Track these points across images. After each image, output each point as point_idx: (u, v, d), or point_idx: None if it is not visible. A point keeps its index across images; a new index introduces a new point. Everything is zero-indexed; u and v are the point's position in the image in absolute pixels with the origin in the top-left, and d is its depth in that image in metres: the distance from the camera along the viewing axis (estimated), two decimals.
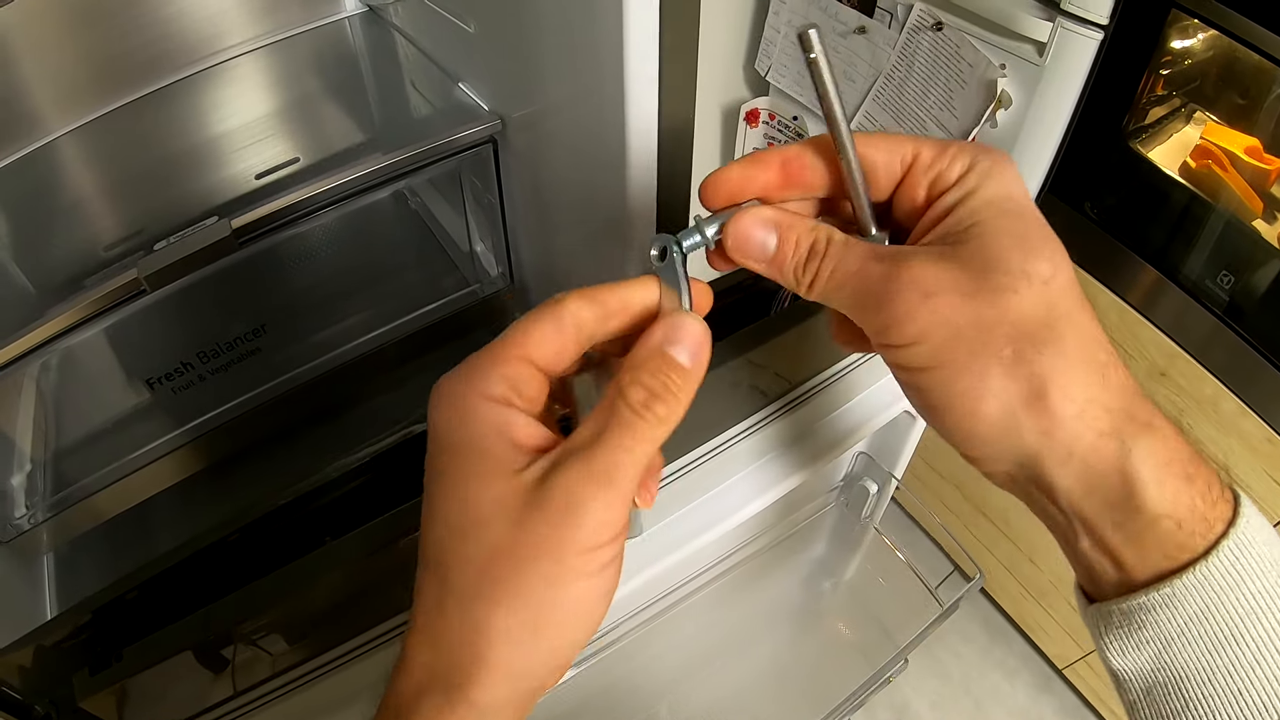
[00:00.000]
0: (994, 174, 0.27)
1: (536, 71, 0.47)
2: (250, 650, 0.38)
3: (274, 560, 0.35)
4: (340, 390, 0.68)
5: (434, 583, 0.25)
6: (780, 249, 0.28)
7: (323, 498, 0.37)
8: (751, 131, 1.10)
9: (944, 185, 0.28)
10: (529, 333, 0.26)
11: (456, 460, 0.25)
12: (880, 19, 0.89)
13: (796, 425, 0.50)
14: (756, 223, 0.28)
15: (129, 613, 0.36)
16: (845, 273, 0.27)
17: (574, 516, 0.24)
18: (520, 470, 0.25)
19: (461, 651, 0.24)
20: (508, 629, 0.24)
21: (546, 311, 0.27)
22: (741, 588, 0.61)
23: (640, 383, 0.25)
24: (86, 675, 0.36)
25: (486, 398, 0.25)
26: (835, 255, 0.27)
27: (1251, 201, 0.78)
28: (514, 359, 0.26)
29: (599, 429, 0.25)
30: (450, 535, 0.25)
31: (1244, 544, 0.25)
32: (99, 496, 0.65)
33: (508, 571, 0.24)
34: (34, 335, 0.52)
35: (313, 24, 0.75)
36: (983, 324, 0.25)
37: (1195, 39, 0.78)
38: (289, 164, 0.61)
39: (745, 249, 0.28)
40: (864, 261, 0.27)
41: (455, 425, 0.25)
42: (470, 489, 0.25)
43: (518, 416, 0.26)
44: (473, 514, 0.24)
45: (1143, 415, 0.26)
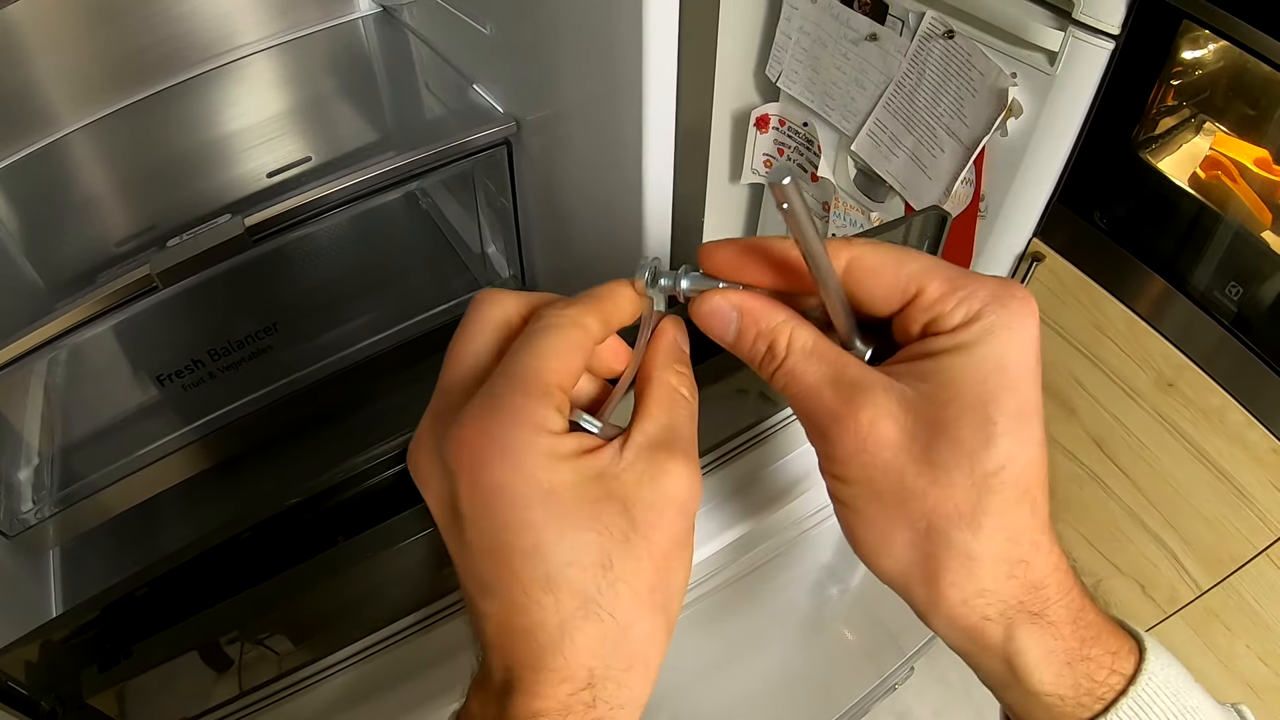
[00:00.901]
0: (996, 334, 0.25)
1: (553, 74, 0.47)
2: (257, 649, 0.38)
3: (285, 559, 0.35)
4: (350, 390, 0.68)
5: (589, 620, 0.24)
6: (740, 338, 0.28)
7: (336, 496, 0.37)
8: (762, 137, 1.10)
9: (939, 328, 0.26)
10: (563, 362, 0.26)
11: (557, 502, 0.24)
12: (892, 26, 0.89)
13: (804, 433, 0.50)
14: (723, 304, 0.28)
15: (138, 610, 0.35)
16: (799, 385, 0.27)
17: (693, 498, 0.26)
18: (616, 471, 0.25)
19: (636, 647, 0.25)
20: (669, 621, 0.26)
21: (568, 336, 0.26)
22: (747, 594, 0.60)
23: (676, 372, 0.28)
24: (95, 672, 0.36)
25: (547, 431, 0.25)
26: (793, 364, 0.27)
27: (1260, 213, 0.77)
28: (554, 389, 0.25)
29: (660, 418, 0.27)
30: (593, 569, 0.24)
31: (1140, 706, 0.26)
32: (106, 492, 0.65)
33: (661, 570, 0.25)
34: (44, 330, 0.53)
35: (327, 24, 0.75)
36: (908, 494, 0.25)
37: (1206, 49, 0.78)
38: (301, 163, 0.61)
39: (709, 326, 0.28)
40: (820, 382, 0.26)
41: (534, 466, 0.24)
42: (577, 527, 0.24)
43: (573, 437, 0.26)
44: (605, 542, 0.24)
45: (1037, 605, 0.26)
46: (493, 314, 0.28)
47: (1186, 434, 0.84)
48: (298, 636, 0.39)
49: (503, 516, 0.24)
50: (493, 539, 0.24)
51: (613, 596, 0.24)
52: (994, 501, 0.24)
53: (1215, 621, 0.89)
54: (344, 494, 0.39)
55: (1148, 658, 0.26)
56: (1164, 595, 0.94)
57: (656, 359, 0.28)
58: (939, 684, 1.23)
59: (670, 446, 0.26)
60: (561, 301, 0.28)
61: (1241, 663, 0.89)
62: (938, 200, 0.89)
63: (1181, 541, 0.89)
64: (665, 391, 0.27)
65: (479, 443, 0.24)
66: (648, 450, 0.26)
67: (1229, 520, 0.83)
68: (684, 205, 0.46)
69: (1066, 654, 0.26)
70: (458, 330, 0.28)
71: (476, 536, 0.24)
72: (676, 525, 0.26)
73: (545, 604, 0.24)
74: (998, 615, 0.26)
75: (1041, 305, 0.96)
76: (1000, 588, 0.25)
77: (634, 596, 0.25)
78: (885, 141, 0.93)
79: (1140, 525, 0.93)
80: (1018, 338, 0.25)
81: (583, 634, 0.24)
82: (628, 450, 0.26)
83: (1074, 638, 0.26)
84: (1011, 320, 0.25)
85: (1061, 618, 0.26)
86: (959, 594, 0.25)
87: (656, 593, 0.25)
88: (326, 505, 0.38)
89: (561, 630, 0.24)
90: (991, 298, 0.25)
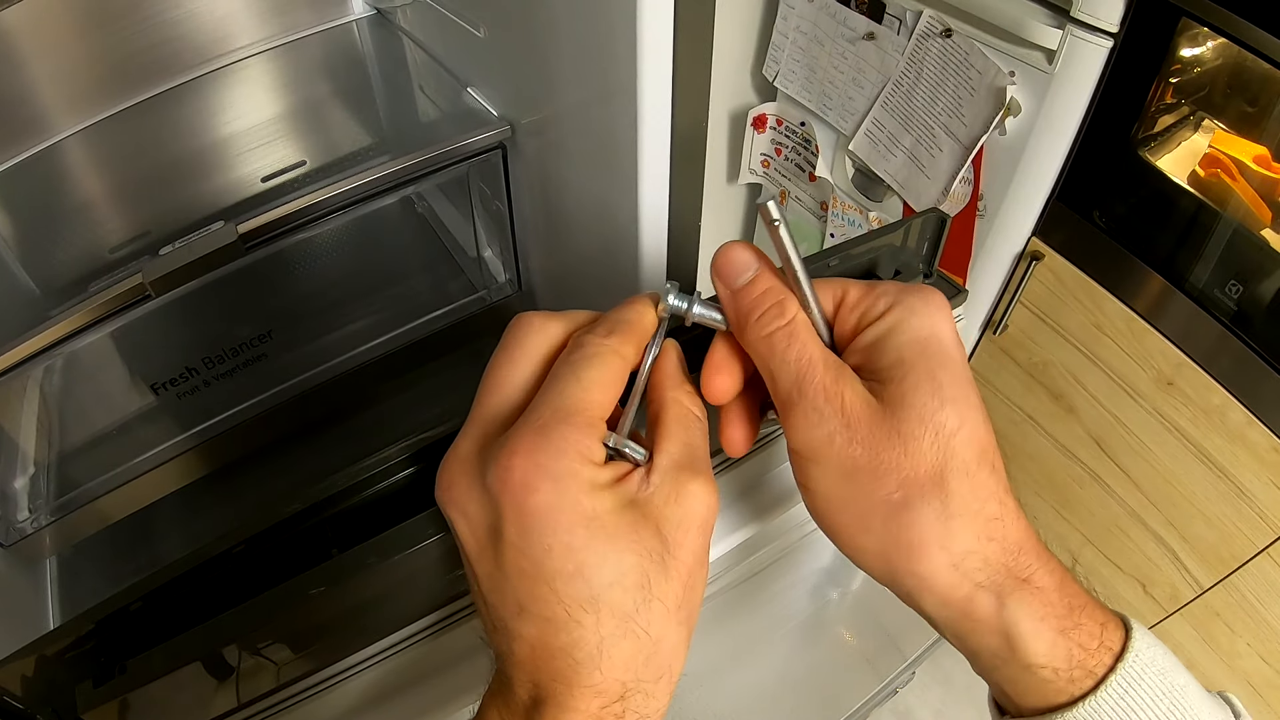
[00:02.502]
0: (919, 310, 0.28)
1: (547, 77, 0.47)
2: (255, 660, 0.38)
3: (282, 571, 0.35)
4: (346, 395, 0.67)
5: (627, 637, 0.25)
6: (751, 285, 0.28)
7: (330, 508, 0.36)
8: (759, 137, 1.09)
9: (870, 319, 0.28)
10: (606, 393, 0.27)
11: (600, 527, 0.25)
12: (889, 25, 0.89)
13: None
14: (746, 250, 0.29)
15: (133, 624, 0.35)
16: (799, 352, 0.28)
17: (714, 514, 0.27)
18: (647, 494, 0.26)
19: (665, 659, 0.26)
20: (690, 632, 0.27)
21: (610, 367, 0.27)
22: (749, 598, 0.60)
23: (688, 393, 0.29)
24: (90, 687, 0.36)
25: (591, 462, 0.26)
26: (798, 329, 0.28)
27: (1260, 210, 0.77)
28: (598, 420, 0.26)
29: (681, 438, 0.28)
30: (634, 590, 0.25)
31: (1129, 681, 0.26)
32: (102, 501, 0.64)
33: (687, 585, 0.26)
34: (39, 339, 0.52)
35: (321, 27, 0.75)
36: (881, 467, 0.26)
37: (1205, 47, 0.78)
38: (296, 167, 0.61)
39: (723, 268, 0.29)
40: (816, 358, 0.28)
41: (580, 493, 0.25)
42: (621, 550, 0.25)
43: (610, 466, 0.27)
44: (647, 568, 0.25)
45: (1023, 570, 0.27)
46: (537, 342, 0.29)
47: (1187, 433, 0.84)
48: (297, 647, 0.39)
49: (547, 540, 0.25)
50: (534, 562, 0.25)
51: (648, 613, 0.25)
52: (958, 462, 0.26)
53: (1216, 620, 0.89)
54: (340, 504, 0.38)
55: (1134, 634, 0.27)
56: (1165, 594, 0.94)
57: (666, 380, 0.29)
58: (941, 685, 1.23)
59: (692, 467, 0.27)
60: (601, 327, 0.28)
61: (1243, 661, 0.89)
62: (936, 200, 0.89)
63: (1182, 540, 0.89)
64: (681, 412, 0.28)
65: (527, 470, 0.25)
66: (673, 472, 0.27)
67: (1230, 519, 0.83)
68: (680, 208, 0.45)
69: (1058, 621, 0.26)
70: (497, 354, 0.29)
71: (517, 559, 0.25)
72: (699, 542, 0.27)
73: (585, 623, 0.25)
74: (987, 580, 0.26)
75: (1041, 304, 0.96)
76: (983, 548, 0.26)
77: (665, 612, 0.26)
78: (883, 141, 0.93)
79: (1141, 524, 0.93)
80: (936, 314, 0.28)
81: (619, 650, 0.25)
82: (654, 473, 0.27)
83: (1062, 604, 0.27)
84: (926, 301, 0.28)
85: (1048, 584, 0.27)
86: (946, 558, 0.26)
87: (683, 607, 0.26)
88: (322, 516, 0.38)
89: (599, 648, 0.25)
90: (904, 290, 0.29)
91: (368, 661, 0.40)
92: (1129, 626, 0.27)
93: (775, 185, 1.14)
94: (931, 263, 0.50)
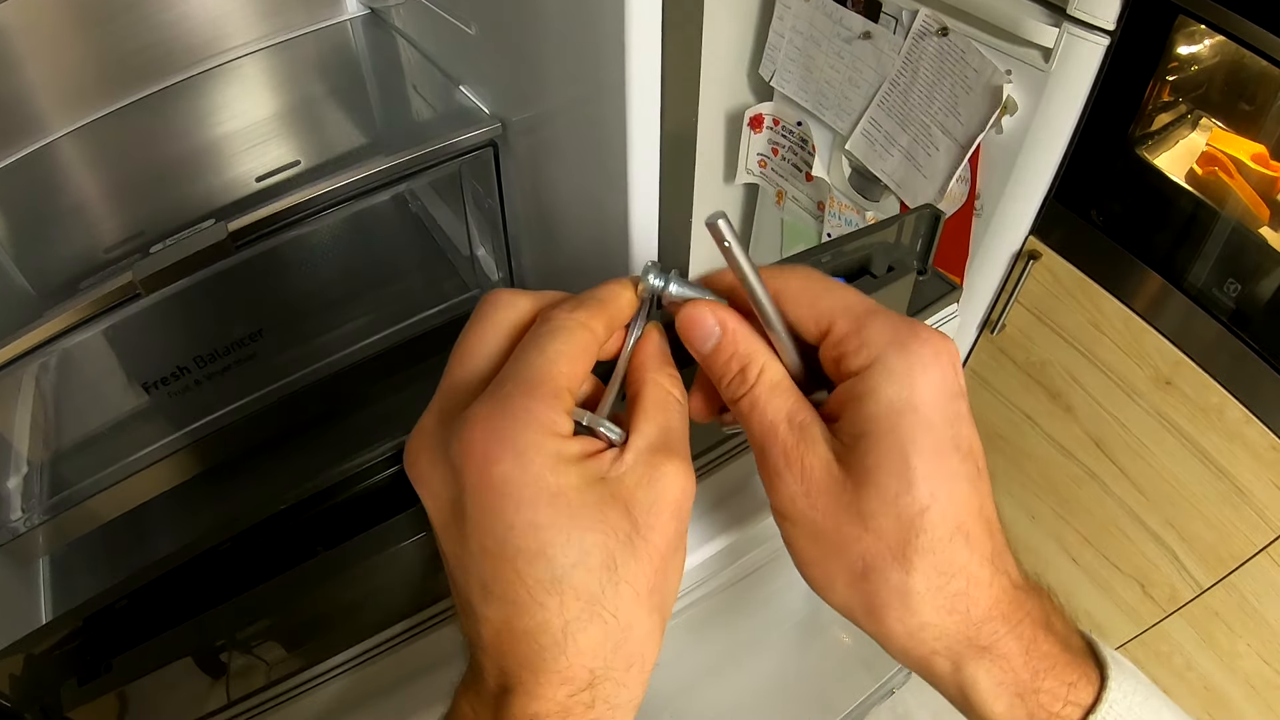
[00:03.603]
0: (898, 375, 0.25)
1: (538, 75, 0.47)
2: (245, 658, 0.38)
3: (269, 568, 0.34)
4: (338, 395, 0.67)
5: (594, 621, 0.24)
6: (716, 353, 0.28)
7: (318, 505, 0.36)
8: (756, 137, 1.09)
9: (847, 370, 0.27)
10: (572, 366, 0.26)
11: (564, 503, 0.24)
12: (885, 24, 0.89)
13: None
14: (709, 318, 0.28)
15: (119, 622, 0.35)
16: (758, 416, 0.27)
17: (688, 498, 0.27)
18: (618, 473, 0.25)
19: (636, 647, 0.25)
20: (664, 621, 0.27)
21: (577, 339, 0.26)
22: (745, 597, 0.60)
23: (668, 375, 0.28)
24: (75, 685, 0.35)
25: (556, 434, 0.25)
26: (758, 393, 0.27)
27: (1258, 208, 0.77)
28: (563, 391, 0.25)
29: (658, 420, 0.27)
30: (599, 570, 0.24)
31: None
32: (95, 500, 0.64)
33: (660, 570, 0.26)
34: (30, 338, 0.52)
35: (314, 26, 0.75)
36: (843, 539, 0.26)
37: (1202, 45, 0.77)
38: (290, 166, 0.60)
39: (688, 333, 0.28)
40: (777, 419, 0.27)
41: (543, 468, 0.24)
42: (589, 522, 0.24)
43: (579, 440, 0.26)
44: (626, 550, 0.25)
45: (985, 639, 0.26)
46: (505, 316, 0.28)
47: (1185, 432, 0.83)
48: (284, 645, 0.39)
49: (508, 517, 0.24)
50: (497, 540, 0.24)
51: (615, 597, 0.24)
52: (923, 541, 0.25)
53: (1216, 620, 0.89)
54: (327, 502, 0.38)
55: (1109, 686, 0.26)
56: (1164, 594, 0.93)
57: (647, 361, 0.28)
58: None
59: (667, 449, 0.26)
60: (569, 303, 0.28)
61: (1242, 661, 0.89)
62: (933, 199, 0.89)
63: (1181, 540, 0.89)
64: (659, 394, 0.28)
65: (488, 442, 0.24)
66: (647, 453, 0.26)
67: (1229, 518, 0.83)
68: (671, 205, 0.45)
69: (1017, 686, 0.26)
70: (466, 329, 0.28)
71: (480, 537, 0.24)
72: (673, 526, 0.26)
73: (549, 605, 0.24)
74: (944, 649, 0.26)
75: (1038, 304, 0.95)
76: (942, 621, 0.26)
77: (635, 597, 0.25)
78: (880, 140, 0.93)
79: (1140, 524, 0.92)
80: (924, 378, 0.25)
81: (586, 635, 0.24)
82: (628, 453, 0.26)
83: (1025, 670, 0.26)
84: (912, 364, 0.26)
85: (1012, 650, 0.26)
86: (902, 628, 0.26)
87: (655, 593, 0.26)
88: (308, 514, 0.37)
89: (565, 632, 0.24)
90: (890, 343, 0.26)
91: (354, 660, 0.40)
92: (1106, 677, 0.27)
93: (772, 185, 1.14)
94: (926, 259, 0.50)
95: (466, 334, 0.28)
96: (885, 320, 0.26)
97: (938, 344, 0.26)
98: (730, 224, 0.25)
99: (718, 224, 0.25)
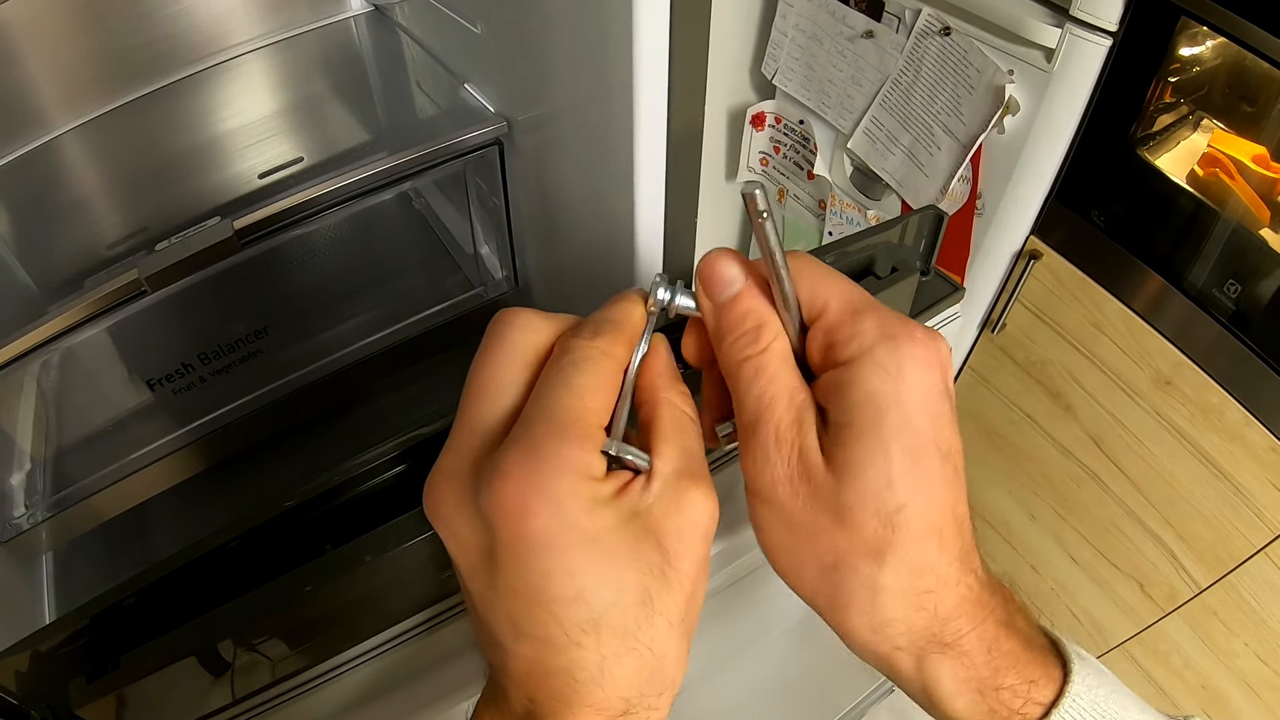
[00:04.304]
0: (886, 368, 0.25)
1: (544, 74, 0.47)
2: (250, 655, 0.38)
3: (275, 568, 0.35)
4: (343, 392, 0.67)
5: (629, 655, 0.24)
6: (733, 303, 0.27)
7: (324, 504, 0.36)
8: (757, 135, 1.09)
9: (835, 359, 0.26)
10: (599, 399, 0.25)
11: (601, 548, 0.24)
12: (888, 23, 0.89)
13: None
14: (735, 264, 0.27)
15: (127, 619, 0.35)
16: (762, 388, 0.26)
17: (714, 521, 0.26)
18: (647, 505, 0.25)
19: (669, 674, 0.25)
20: (690, 641, 0.27)
21: (602, 370, 0.26)
22: (744, 596, 0.60)
23: (680, 393, 0.28)
24: (83, 683, 0.35)
25: (591, 478, 0.24)
26: (767, 362, 0.26)
27: (1259, 210, 0.77)
28: (595, 429, 0.25)
29: (678, 443, 0.26)
30: (635, 608, 0.24)
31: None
32: (99, 497, 0.64)
33: (690, 596, 0.26)
34: (34, 335, 0.52)
35: (318, 23, 0.75)
36: (818, 530, 0.26)
37: (1204, 46, 0.77)
38: (293, 163, 0.60)
39: (708, 277, 0.27)
40: (779, 396, 0.26)
41: (581, 515, 0.24)
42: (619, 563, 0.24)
43: (611, 478, 0.25)
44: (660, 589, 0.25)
45: (949, 636, 0.26)
46: (522, 342, 0.27)
47: (1185, 432, 0.84)
48: (292, 642, 0.39)
49: (544, 565, 0.23)
50: (532, 586, 0.24)
51: (651, 630, 0.24)
52: (898, 537, 0.25)
53: (1214, 620, 0.89)
54: (335, 500, 0.38)
55: (1072, 679, 0.27)
56: (1162, 594, 0.94)
57: (658, 380, 0.28)
58: None
59: (690, 474, 0.26)
60: (588, 329, 0.27)
61: (1240, 661, 0.89)
62: (934, 198, 0.89)
63: (1180, 540, 0.89)
64: (674, 415, 0.27)
65: (523, 494, 0.23)
66: (672, 479, 0.26)
67: (1228, 518, 0.83)
68: (677, 205, 0.45)
69: (978, 683, 0.26)
70: (480, 355, 0.27)
71: (513, 582, 0.24)
72: (701, 551, 0.26)
73: (586, 644, 0.24)
74: (908, 645, 0.26)
75: (1039, 303, 0.95)
76: (909, 618, 0.26)
77: (669, 627, 0.25)
78: (882, 139, 0.93)
79: (1138, 524, 0.93)
80: (913, 376, 0.25)
81: (622, 668, 0.24)
82: (654, 481, 0.25)
83: (987, 667, 0.26)
84: (903, 361, 0.25)
85: (974, 648, 0.26)
86: (867, 622, 0.26)
87: (686, 619, 0.26)
88: (316, 511, 0.38)
89: (602, 667, 0.24)
90: (882, 337, 0.26)
91: (362, 657, 0.40)
92: (1068, 673, 0.27)
93: (774, 183, 1.14)
94: (929, 260, 0.50)
95: (482, 362, 0.27)
96: (880, 314, 0.26)
97: (930, 343, 0.26)
98: (765, 194, 0.25)
99: (755, 193, 0.24)
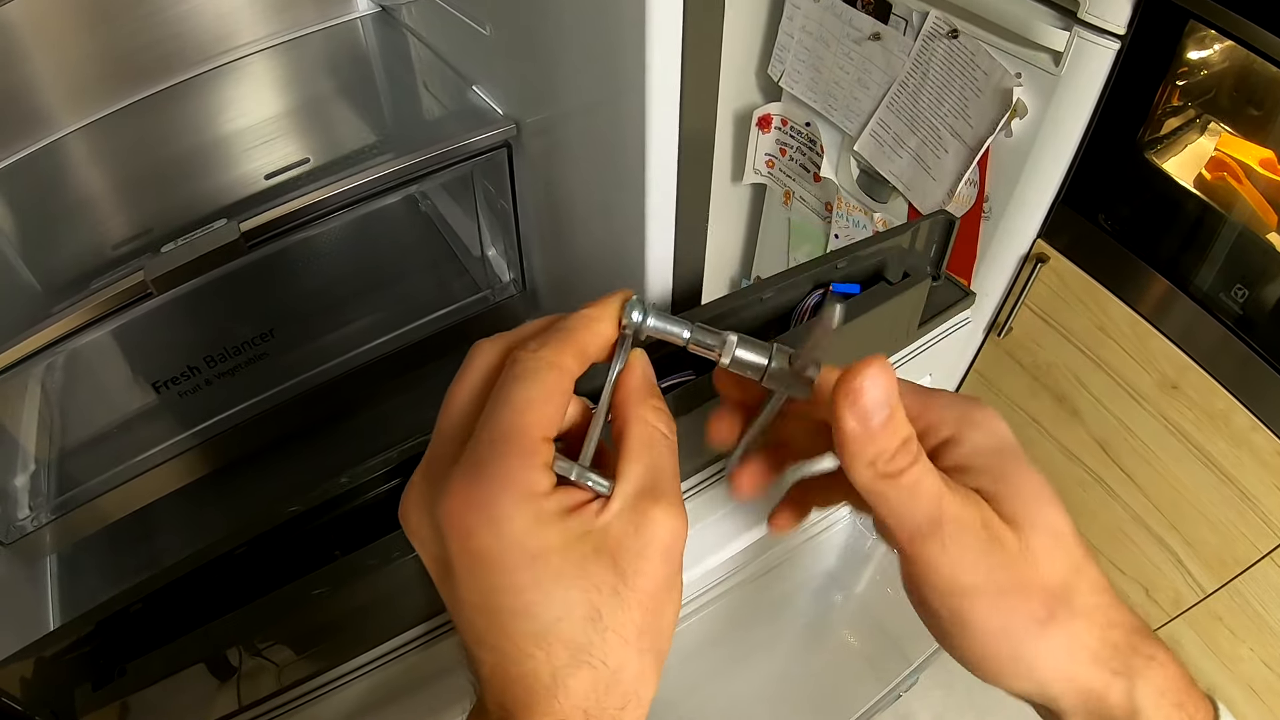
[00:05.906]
0: (984, 423, 0.28)
1: (554, 76, 0.47)
2: (256, 662, 0.38)
3: (283, 575, 0.34)
4: (349, 395, 0.67)
5: (581, 668, 0.24)
6: (888, 426, 0.26)
7: (332, 511, 0.36)
8: (764, 137, 1.09)
9: (939, 439, 0.28)
10: (543, 412, 0.25)
11: (544, 565, 0.24)
12: (895, 25, 0.88)
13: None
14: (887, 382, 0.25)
15: (132, 626, 0.35)
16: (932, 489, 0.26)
17: (679, 540, 0.26)
18: (603, 525, 0.25)
19: (629, 687, 0.25)
20: (661, 656, 0.27)
21: (544, 382, 0.25)
22: (753, 600, 0.60)
23: (654, 409, 0.28)
24: (89, 689, 0.35)
25: (533, 494, 0.24)
26: (926, 471, 0.26)
27: (1266, 214, 0.77)
28: (538, 444, 0.25)
29: (645, 461, 0.26)
30: (583, 623, 0.24)
31: None
32: (103, 499, 0.64)
33: (651, 611, 0.26)
34: (40, 336, 0.52)
35: (325, 24, 0.75)
36: (1025, 584, 0.26)
37: (1212, 50, 0.77)
38: (299, 165, 0.60)
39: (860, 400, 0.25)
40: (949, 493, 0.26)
41: (522, 533, 0.24)
42: (570, 582, 0.24)
43: (559, 495, 0.25)
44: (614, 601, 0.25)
45: (1146, 648, 0.27)
46: (479, 363, 0.27)
47: (1190, 436, 0.83)
48: (298, 649, 0.39)
49: (492, 579, 0.24)
50: (483, 598, 0.24)
51: (603, 645, 0.25)
52: (1073, 556, 0.27)
53: (1219, 625, 0.89)
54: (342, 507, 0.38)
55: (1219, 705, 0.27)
56: (1168, 598, 0.94)
57: (631, 395, 0.27)
58: (942, 688, 1.23)
59: (654, 492, 0.26)
60: (535, 339, 0.27)
61: (1245, 666, 0.89)
62: (941, 201, 0.89)
63: (1185, 544, 0.89)
64: (645, 432, 0.27)
65: (466, 513, 0.24)
66: (634, 499, 0.26)
67: (1233, 523, 0.83)
68: (687, 210, 0.45)
69: (1176, 694, 0.27)
70: (455, 378, 0.28)
71: (468, 594, 0.25)
72: (663, 570, 0.26)
73: (537, 656, 0.24)
74: (1122, 667, 0.26)
75: (1045, 307, 0.95)
76: (1111, 635, 0.27)
77: (623, 642, 0.25)
78: (888, 142, 0.93)
79: (1144, 528, 0.93)
80: (994, 420, 0.28)
81: (575, 680, 0.24)
82: (615, 501, 0.25)
83: (1178, 673, 0.27)
84: (983, 410, 0.28)
85: (1165, 657, 0.27)
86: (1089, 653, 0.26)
87: (646, 635, 0.26)
88: (324, 518, 0.37)
89: (554, 678, 0.24)
90: (950, 403, 0.29)
91: (369, 665, 0.39)
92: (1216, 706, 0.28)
93: (780, 185, 1.13)
94: (940, 265, 0.50)
95: (453, 383, 0.28)
96: (945, 395, 0.29)
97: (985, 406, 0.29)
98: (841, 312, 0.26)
99: (835, 309, 0.25)
